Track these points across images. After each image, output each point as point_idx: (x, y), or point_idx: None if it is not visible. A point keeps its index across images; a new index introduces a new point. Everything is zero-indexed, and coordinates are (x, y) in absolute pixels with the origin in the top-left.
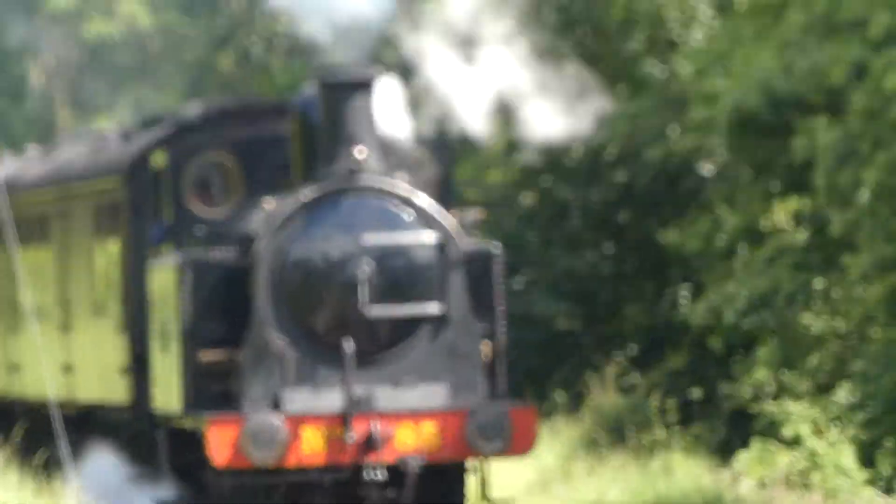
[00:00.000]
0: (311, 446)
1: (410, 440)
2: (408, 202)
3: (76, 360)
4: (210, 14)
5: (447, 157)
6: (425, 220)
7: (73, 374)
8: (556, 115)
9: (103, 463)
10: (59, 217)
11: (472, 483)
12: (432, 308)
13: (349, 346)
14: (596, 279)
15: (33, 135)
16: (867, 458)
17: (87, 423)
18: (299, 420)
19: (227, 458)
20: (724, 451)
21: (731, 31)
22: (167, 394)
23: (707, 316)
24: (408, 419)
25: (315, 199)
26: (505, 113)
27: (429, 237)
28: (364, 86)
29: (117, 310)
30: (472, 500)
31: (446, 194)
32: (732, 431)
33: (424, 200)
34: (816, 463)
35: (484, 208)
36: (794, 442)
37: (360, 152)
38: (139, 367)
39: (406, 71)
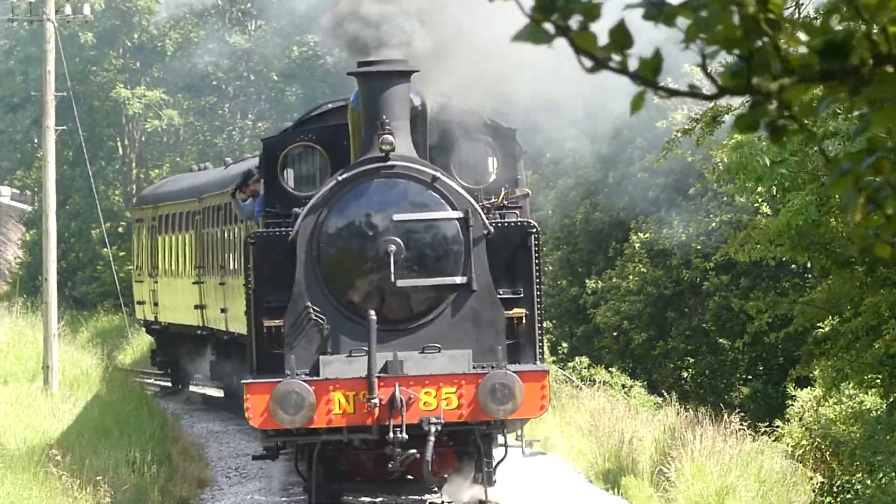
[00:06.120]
0: (339, 409)
1: (431, 403)
2: (433, 183)
3: (230, 304)
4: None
5: (512, 140)
6: (450, 199)
7: (228, 312)
8: None
9: None
10: (225, 208)
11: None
12: (457, 279)
13: (373, 316)
14: None
15: (115, 189)
16: None
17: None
18: (326, 385)
19: (260, 420)
20: None
21: None
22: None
23: None
24: (429, 383)
25: (348, 180)
26: None
27: (452, 215)
28: (395, 74)
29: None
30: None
31: (511, 174)
32: None
33: (449, 181)
34: None
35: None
36: None
37: (388, 139)
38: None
39: None
